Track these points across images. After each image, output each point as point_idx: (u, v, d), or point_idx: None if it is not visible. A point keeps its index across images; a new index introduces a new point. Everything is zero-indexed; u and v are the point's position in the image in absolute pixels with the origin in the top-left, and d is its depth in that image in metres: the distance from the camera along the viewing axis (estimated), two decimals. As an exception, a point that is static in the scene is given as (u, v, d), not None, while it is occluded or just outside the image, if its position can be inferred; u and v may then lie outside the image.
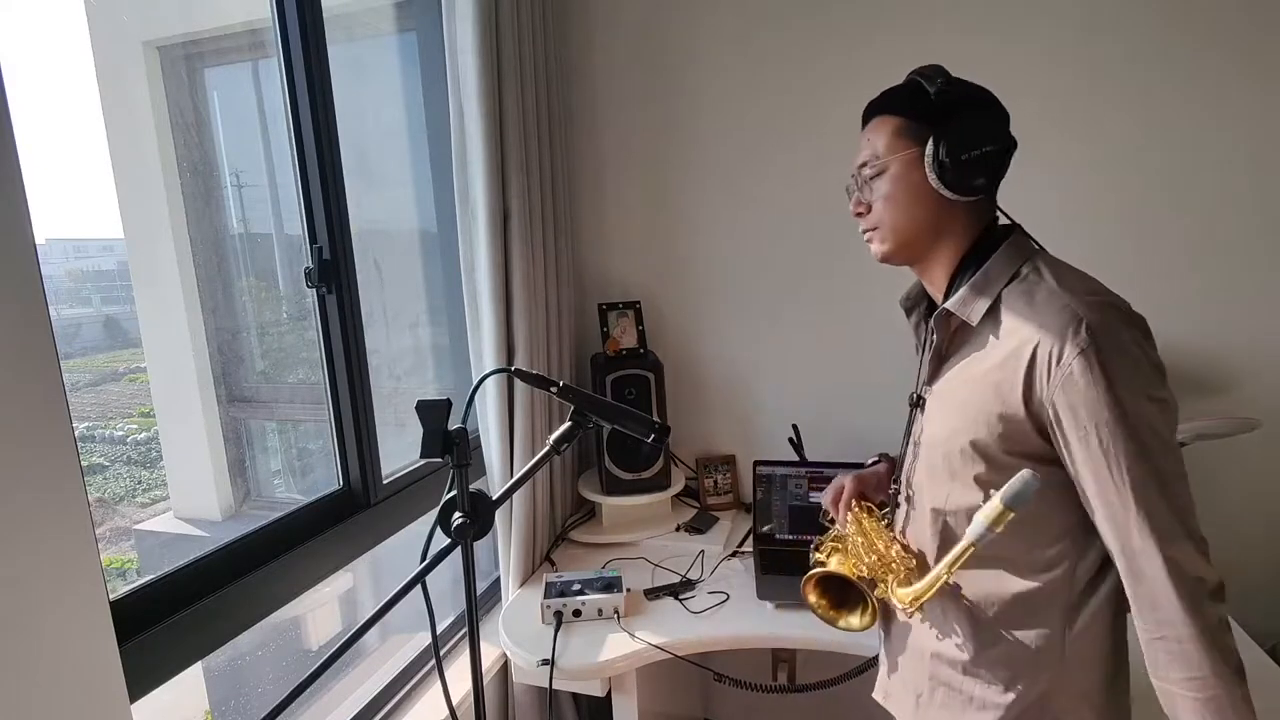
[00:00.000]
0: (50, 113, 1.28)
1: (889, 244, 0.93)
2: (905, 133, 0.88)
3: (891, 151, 0.89)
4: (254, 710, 1.52)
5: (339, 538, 1.32)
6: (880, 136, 0.90)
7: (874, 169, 0.91)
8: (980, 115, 0.86)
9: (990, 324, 0.86)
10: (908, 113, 0.88)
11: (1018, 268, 0.87)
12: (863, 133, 0.94)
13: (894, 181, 0.89)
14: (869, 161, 0.91)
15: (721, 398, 2.04)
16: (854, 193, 0.95)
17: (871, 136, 0.92)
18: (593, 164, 2.00)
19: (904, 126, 0.89)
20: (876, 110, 0.92)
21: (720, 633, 1.46)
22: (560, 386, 0.92)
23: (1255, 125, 1.55)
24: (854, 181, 0.95)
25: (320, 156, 1.30)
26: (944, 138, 0.84)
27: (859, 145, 0.94)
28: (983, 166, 0.85)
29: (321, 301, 1.34)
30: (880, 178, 0.90)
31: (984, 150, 0.84)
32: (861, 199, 0.94)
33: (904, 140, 0.88)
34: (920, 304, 1.03)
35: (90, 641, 0.77)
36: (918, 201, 0.89)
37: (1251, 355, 1.64)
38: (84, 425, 1.58)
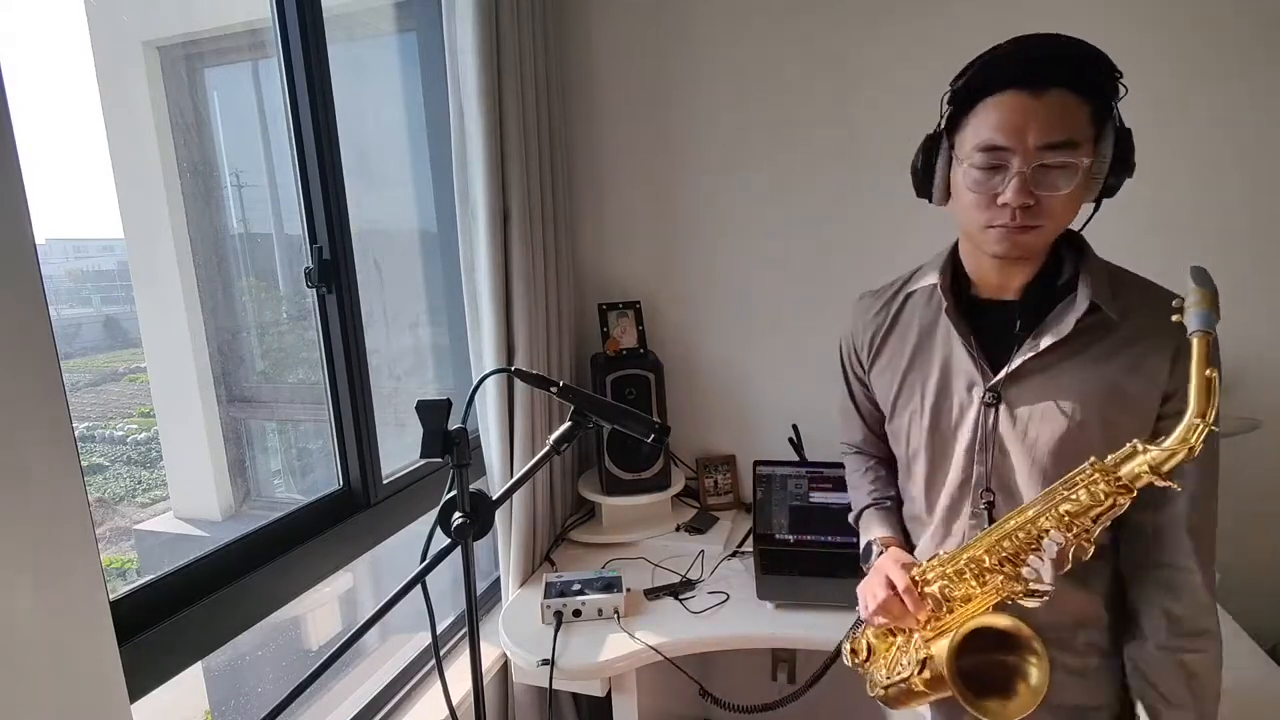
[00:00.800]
0: (50, 113, 1.28)
1: (1044, 241, 0.84)
2: (1094, 123, 0.77)
3: (1086, 141, 0.77)
4: (254, 710, 1.52)
5: (339, 538, 1.32)
6: (1074, 120, 0.76)
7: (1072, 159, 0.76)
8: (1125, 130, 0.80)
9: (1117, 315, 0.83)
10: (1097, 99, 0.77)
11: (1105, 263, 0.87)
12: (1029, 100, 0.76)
13: (1079, 180, 0.78)
14: (1064, 147, 0.76)
15: (721, 398, 2.04)
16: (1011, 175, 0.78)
17: (1066, 116, 0.76)
18: (593, 164, 2.00)
19: (1093, 114, 0.77)
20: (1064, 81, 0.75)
21: (720, 633, 1.46)
22: (560, 386, 0.92)
23: (1254, 123, 1.55)
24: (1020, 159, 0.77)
25: (320, 156, 1.29)
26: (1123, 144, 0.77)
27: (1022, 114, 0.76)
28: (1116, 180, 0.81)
29: (321, 301, 1.34)
30: (1073, 171, 0.77)
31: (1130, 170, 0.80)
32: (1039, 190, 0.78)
33: (1091, 130, 0.77)
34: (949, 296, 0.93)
35: (90, 641, 0.77)
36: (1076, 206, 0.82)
37: (1251, 355, 1.64)
38: (84, 425, 1.58)
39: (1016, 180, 0.78)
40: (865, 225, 1.81)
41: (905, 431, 0.99)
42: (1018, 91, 0.77)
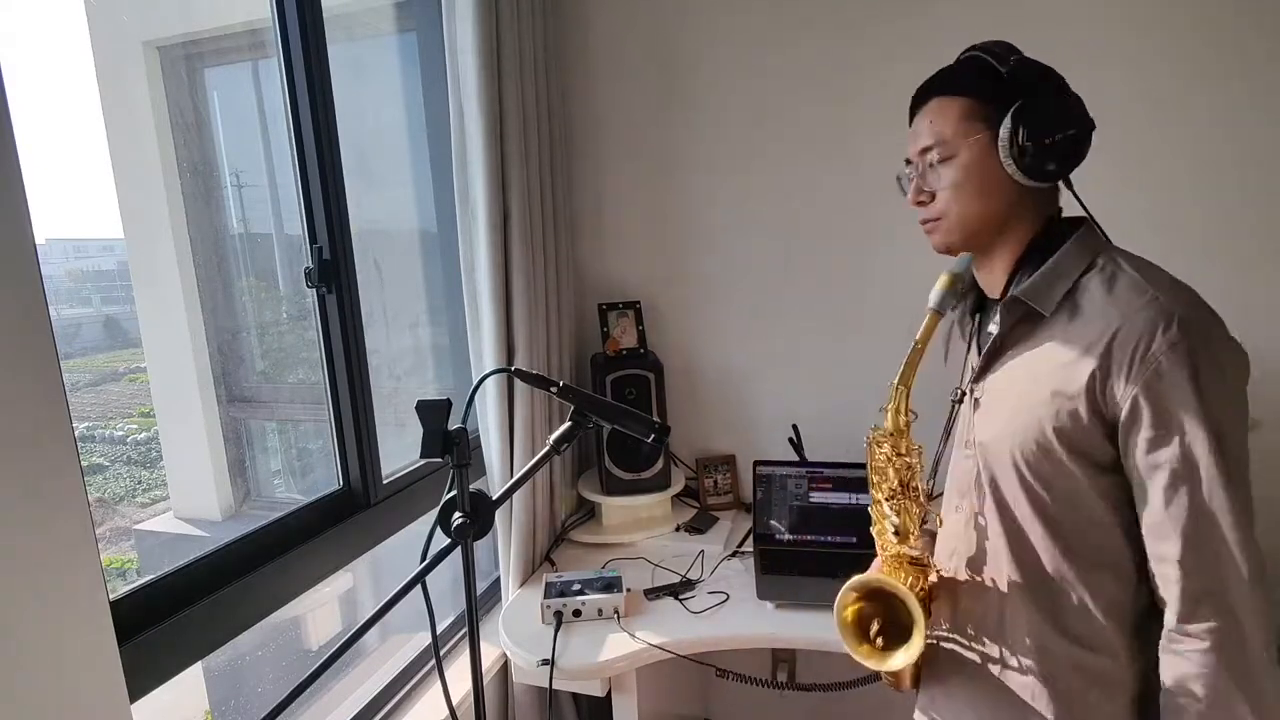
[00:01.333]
0: (50, 113, 1.28)
1: (955, 235, 0.86)
2: (975, 115, 0.81)
3: (962, 135, 0.82)
4: (254, 710, 1.52)
5: (339, 538, 1.32)
6: (945, 119, 0.83)
7: (941, 154, 0.83)
8: (1058, 94, 0.81)
9: (1063, 314, 0.80)
10: (976, 93, 0.82)
11: (1092, 259, 0.81)
12: (919, 115, 0.87)
13: (964, 168, 0.82)
14: (934, 146, 0.84)
15: (721, 398, 2.04)
16: (911, 180, 0.88)
17: (934, 119, 0.84)
18: (593, 164, 2.00)
19: (973, 108, 0.82)
20: (937, 90, 0.85)
21: (720, 633, 1.46)
22: (560, 386, 0.92)
23: (1254, 123, 1.55)
24: (912, 169, 0.88)
25: (320, 156, 1.30)
26: (1024, 119, 0.78)
27: (914, 130, 0.87)
28: (1065, 151, 0.78)
29: (321, 301, 1.34)
30: (948, 164, 0.83)
31: (1067, 133, 0.78)
32: (924, 187, 0.87)
33: (974, 123, 0.81)
34: (968, 296, 0.96)
35: (90, 641, 0.77)
36: (990, 189, 0.82)
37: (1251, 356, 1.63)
38: (84, 425, 1.58)
39: (911, 183, 0.89)
40: (865, 225, 1.81)
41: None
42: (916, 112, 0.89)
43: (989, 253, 0.88)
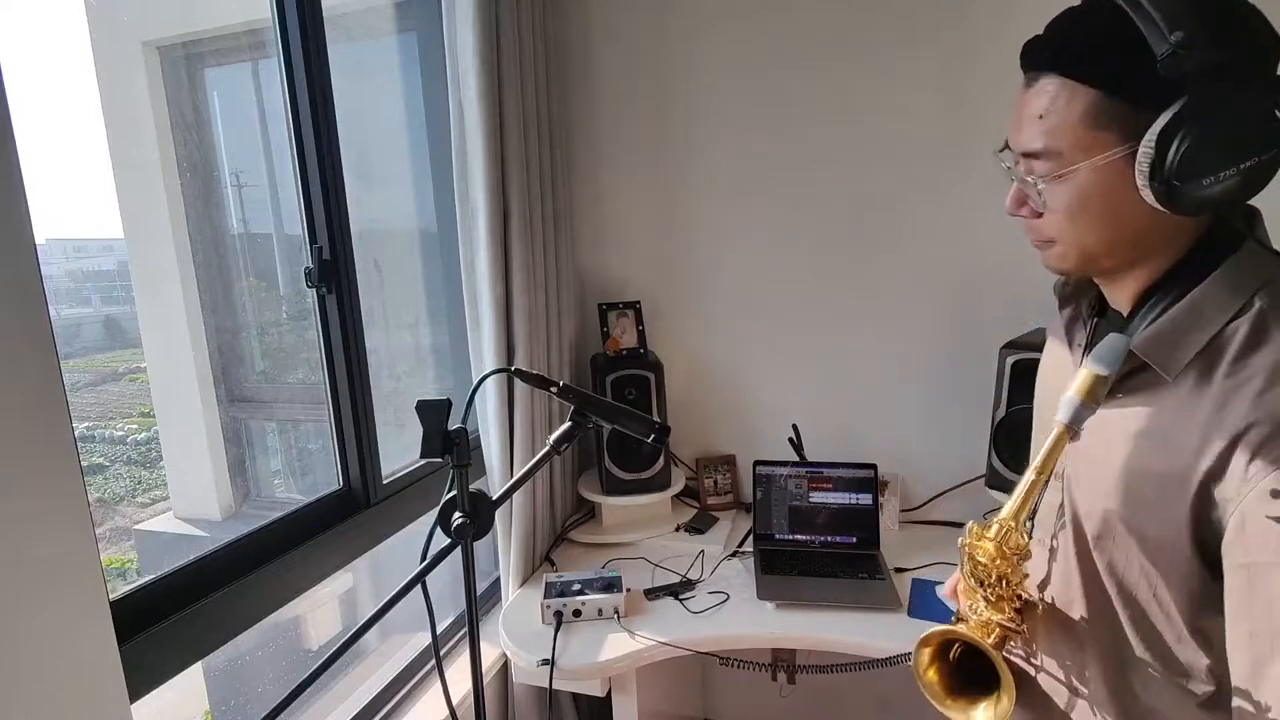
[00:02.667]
0: (50, 113, 1.29)
1: (1070, 261, 0.67)
2: (1106, 118, 0.58)
3: (1083, 148, 0.59)
4: (254, 710, 1.53)
5: (339, 538, 1.32)
6: (1058, 122, 0.60)
7: (1053, 168, 0.61)
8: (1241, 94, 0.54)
9: (1190, 375, 0.61)
10: (1109, 81, 0.57)
11: (1248, 296, 0.59)
12: (1025, 93, 0.63)
13: (1085, 192, 0.61)
14: (1040, 155, 0.62)
15: (721, 398, 2.04)
16: (1012, 182, 0.67)
17: (1046, 114, 0.60)
18: (593, 164, 2.00)
19: (1100, 109, 0.58)
20: (1050, 64, 0.60)
21: (720, 633, 1.46)
22: (560, 386, 0.92)
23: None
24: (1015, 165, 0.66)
25: (320, 156, 1.29)
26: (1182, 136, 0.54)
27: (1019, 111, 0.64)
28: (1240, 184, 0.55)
29: (321, 301, 1.34)
30: (1059, 183, 0.61)
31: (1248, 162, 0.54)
32: (1026, 200, 0.66)
33: (1102, 131, 0.58)
34: (1084, 298, 0.76)
35: (90, 641, 0.77)
36: (1119, 216, 0.61)
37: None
38: (84, 425, 1.58)
39: (1012, 189, 0.67)
40: (866, 225, 1.81)
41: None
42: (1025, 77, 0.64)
43: (1116, 276, 0.68)
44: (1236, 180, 0.55)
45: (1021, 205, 0.67)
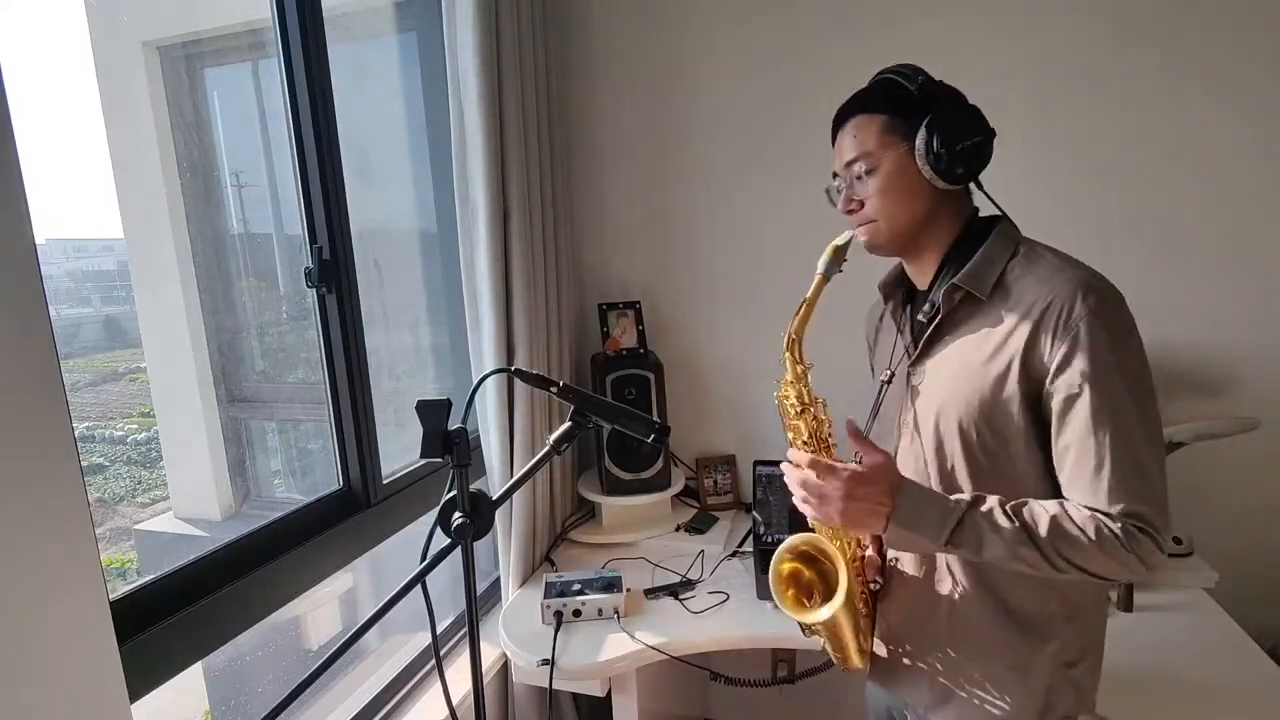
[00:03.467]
0: (50, 113, 1.29)
1: (884, 236, 0.96)
2: (892, 129, 0.92)
3: (883, 147, 0.92)
4: (254, 710, 1.52)
5: (339, 538, 1.32)
6: (867, 134, 0.93)
7: (867, 165, 0.94)
8: (961, 107, 0.92)
9: (996, 296, 0.90)
10: (890, 110, 0.92)
11: (1015, 247, 0.93)
12: (843, 132, 0.98)
13: (888, 176, 0.93)
14: (859, 159, 0.94)
15: (721, 398, 2.04)
16: (841, 191, 0.99)
17: (857, 135, 0.94)
18: (593, 163, 2.00)
19: (889, 123, 0.92)
20: (855, 110, 0.96)
21: (720, 633, 1.46)
22: (560, 386, 0.92)
23: (1262, 120, 1.55)
24: (841, 180, 0.99)
25: (320, 156, 1.30)
26: (935, 130, 0.88)
27: (838, 147, 0.99)
28: (973, 155, 0.89)
29: (321, 301, 1.34)
30: (873, 174, 0.94)
31: (974, 140, 0.89)
32: (853, 196, 0.97)
33: (892, 136, 0.92)
34: (899, 289, 1.06)
35: (90, 641, 0.77)
36: (912, 194, 0.93)
37: (1252, 355, 1.63)
38: (84, 425, 1.58)
39: (841, 194, 1.00)
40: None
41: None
42: (839, 130, 0.99)
43: (918, 250, 0.98)
44: (970, 152, 0.89)
45: (850, 202, 0.98)
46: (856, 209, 0.97)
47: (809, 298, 0.98)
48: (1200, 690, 1.25)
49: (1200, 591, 1.51)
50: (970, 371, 0.90)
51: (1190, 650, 1.35)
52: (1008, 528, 0.82)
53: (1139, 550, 0.80)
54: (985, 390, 0.88)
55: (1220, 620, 1.43)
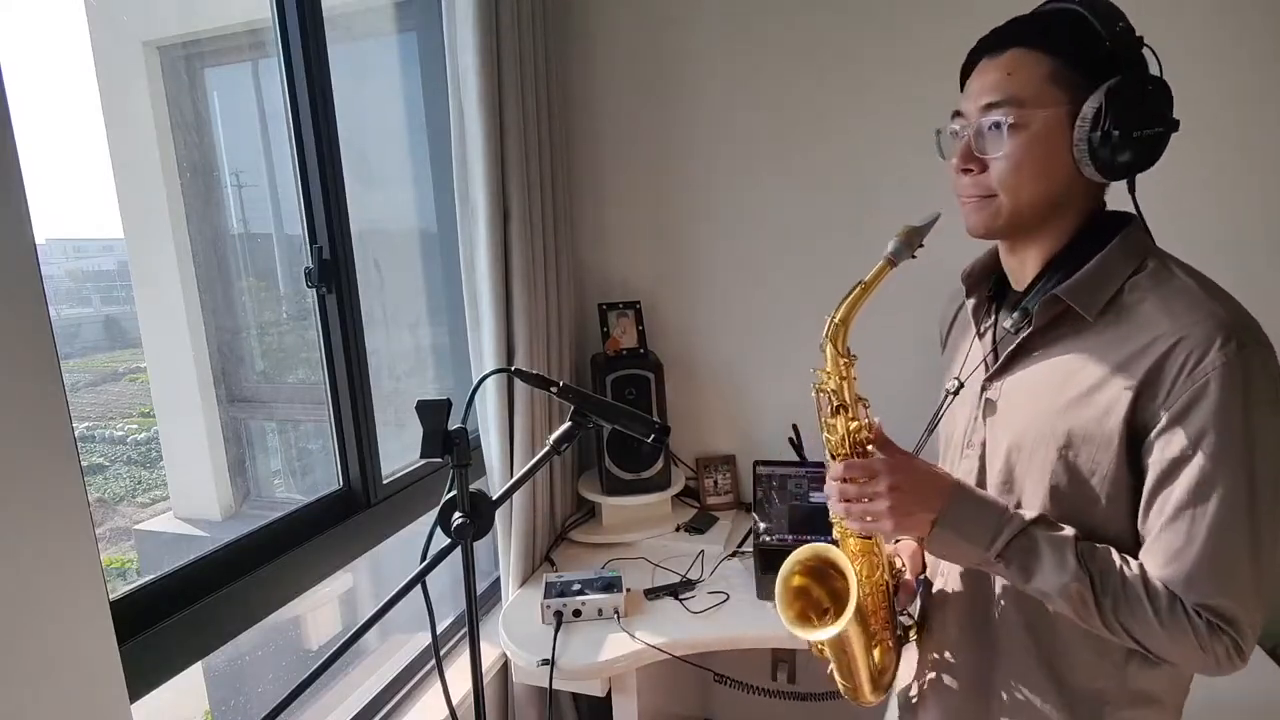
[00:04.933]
0: (50, 113, 1.29)
1: (1003, 218, 0.76)
2: (1060, 80, 0.71)
3: (1041, 102, 0.71)
4: (254, 710, 1.52)
5: (339, 538, 1.32)
6: (1028, 76, 0.71)
7: (1014, 116, 0.72)
8: (1154, 81, 0.71)
9: (1107, 319, 0.74)
10: (1066, 55, 0.71)
11: (1141, 258, 0.75)
12: (990, 64, 0.75)
13: (1034, 142, 0.72)
14: (1005, 103, 0.72)
15: (721, 398, 2.04)
16: (962, 138, 0.76)
17: (1014, 73, 0.72)
18: (593, 164, 2.00)
19: (1058, 72, 0.71)
20: (1019, 40, 0.73)
21: (720, 633, 1.46)
22: (560, 386, 0.92)
23: (1264, 119, 1.55)
24: (963, 126, 0.77)
25: (320, 156, 1.29)
26: (1115, 102, 0.68)
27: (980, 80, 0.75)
28: (1146, 147, 0.70)
29: (321, 301, 1.34)
30: (1017, 131, 0.72)
31: (1155, 130, 0.70)
32: (978, 151, 0.75)
33: (1059, 90, 0.71)
34: (986, 283, 0.88)
35: (90, 641, 0.77)
36: (1052, 170, 0.73)
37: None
38: (84, 425, 1.58)
39: (961, 143, 0.77)
40: (866, 224, 1.81)
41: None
42: (984, 58, 0.76)
43: (1026, 240, 0.79)
44: (1145, 144, 0.70)
45: (970, 160, 0.76)
46: (976, 171, 0.76)
47: (866, 280, 0.80)
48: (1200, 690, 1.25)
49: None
50: (1060, 403, 0.75)
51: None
52: (1070, 560, 0.70)
53: (1216, 648, 0.67)
54: (1075, 430, 0.74)
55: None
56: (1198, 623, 0.68)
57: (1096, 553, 0.72)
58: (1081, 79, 0.70)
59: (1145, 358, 0.69)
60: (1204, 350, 0.66)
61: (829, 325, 0.86)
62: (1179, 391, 0.67)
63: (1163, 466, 0.69)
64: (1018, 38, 0.73)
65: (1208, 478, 0.66)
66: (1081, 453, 0.74)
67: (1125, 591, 0.70)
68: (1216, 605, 0.67)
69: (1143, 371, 0.69)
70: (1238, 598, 0.67)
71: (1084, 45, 0.71)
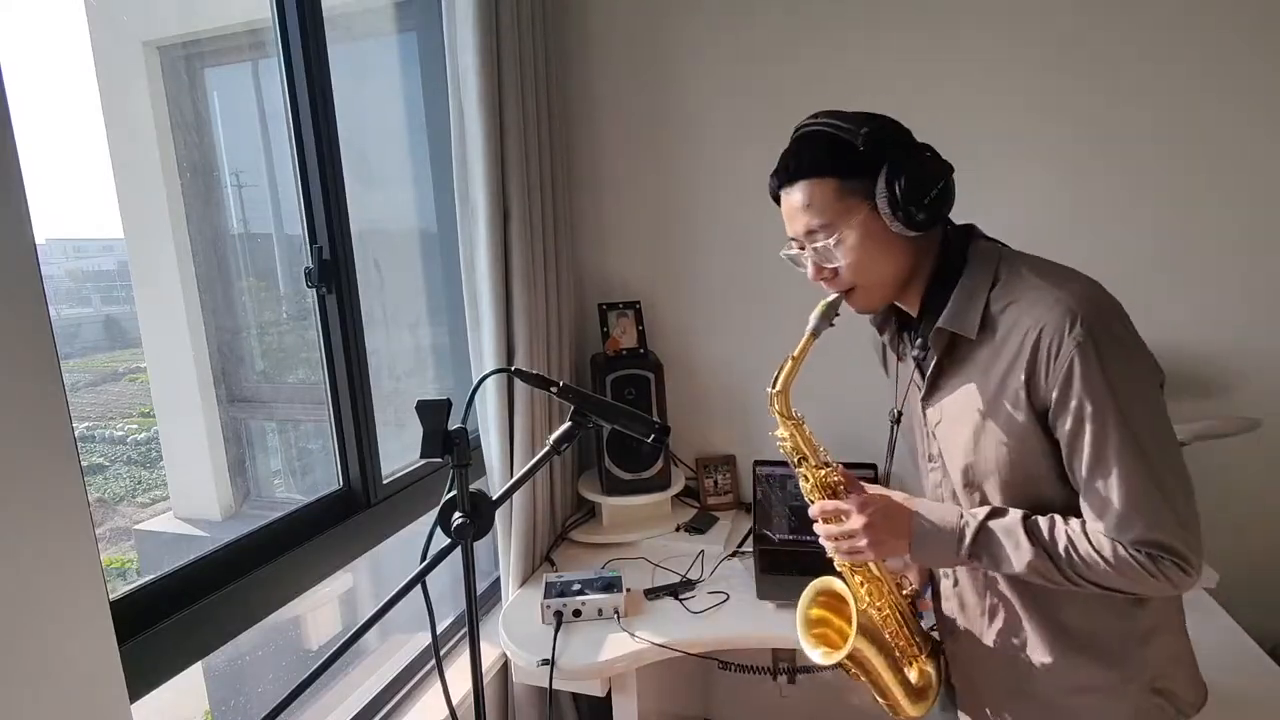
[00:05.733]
0: (50, 113, 1.28)
1: (875, 297, 0.92)
2: (847, 191, 0.86)
3: (845, 214, 0.86)
4: (254, 710, 1.52)
5: (339, 538, 1.32)
6: (822, 202, 0.87)
7: (831, 236, 0.87)
8: (914, 152, 0.86)
9: (987, 333, 0.86)
10: (841, 172, 0.86)
11: (994, 271, 0.87)
12: (788, 201, 0.91)
13: (859, 242, 0.87)
14: (818, 230, 0.88)
15: (721, 398, 2.04)
16: (807, 262, 0.93)
17: (811, 203, 0.88)
18: (592, 164, 2.00)
19: (843, 187, 0.86)
20: (798, 175, 0.88)
21: (720, 633, 1.46)
22: (560, 386, 0.92)
23: (1266, 119, 1.55)
24: (803, 253, 0.92)
25: (320, 156, 1.29)
26: (895, 184, 0.83)
27: (788, 216, 0.92)
28: (940, 198, 0.85)
29: (321, 301, 1.34)
30: (840, 244, 0.87)
31: (938, 187, 0.84)
32: (824, 265, 0.91)
33: (851, 199, 0.86)
34: (890, 320, 1.03)
35: (90, 641, 0.77)
36: (888, 251, 0.88)
37: (1252, 355, 1.63)
38: (84, 425, 1.58)
39: (810, 265, 0.92)
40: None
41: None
42: (781, 193, 0.93)
43: (904, 293, 0.94)
44: (937, 199, 0.84)
45: (821, 272, 0.92)
46: (830, 277, 0.91)
47: (795, 355, 0.94)
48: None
49: (1200, 591, 1.50)
50: (982, 410, 0.87)
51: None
52: (1024, 540, 0.82)
53: (1165, 572, 0.78)
54: (1001, 428, 0.86)
55: (1220, 620, 1.43)
56: (1140, 558, 0.79)
57: (1040, 525, 0.83)
58: (861, 181, 0.85)
59: (1023, 353, 0.82)
60: (1060, 336, 0.79)
61: (770, 395, 0.99)
62: (1054, 374, 0.80)
63: (1065, 439, 0.82)
64: (796, 173, 0.88)
65: (1098, 439, 0.79)
66: (1013, 445, 0.85)
67: (1076, 551, 0.81)
68: (1147, 539, 0.78)
69: (1024, 364, 0.82)
70: (1161, 528, 0.78)
71: (846, 156, 0.85)
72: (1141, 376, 0.81)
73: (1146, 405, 0.80)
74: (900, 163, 0.83)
